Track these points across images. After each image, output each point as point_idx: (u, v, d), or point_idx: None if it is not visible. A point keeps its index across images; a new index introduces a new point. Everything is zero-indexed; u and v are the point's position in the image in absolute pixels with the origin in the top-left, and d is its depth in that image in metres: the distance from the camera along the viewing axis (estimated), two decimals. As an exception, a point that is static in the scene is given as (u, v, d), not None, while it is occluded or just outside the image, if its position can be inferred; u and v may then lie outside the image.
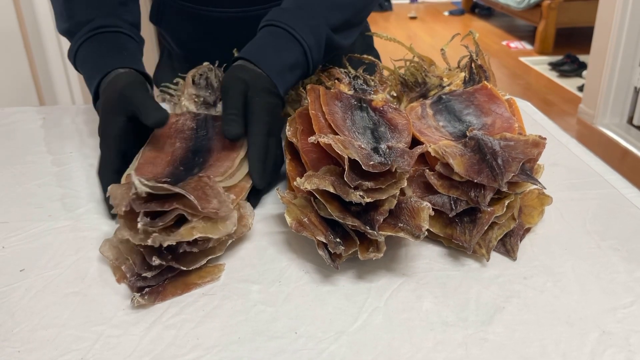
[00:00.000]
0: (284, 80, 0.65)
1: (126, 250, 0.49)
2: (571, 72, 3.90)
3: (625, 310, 0.45)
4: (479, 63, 0.72)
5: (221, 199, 0.50)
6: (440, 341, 0.42)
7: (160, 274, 0.47)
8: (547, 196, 0.57)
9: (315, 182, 0.49)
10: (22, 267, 0.51)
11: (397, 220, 0.49)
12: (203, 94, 0.71)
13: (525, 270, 0.50)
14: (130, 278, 0.47)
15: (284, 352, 0.41)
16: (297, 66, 0.67)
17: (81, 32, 0.70)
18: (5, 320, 0.44)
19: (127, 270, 0.48)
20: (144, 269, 0.47)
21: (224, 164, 0.58)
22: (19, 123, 0.85)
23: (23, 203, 0.61)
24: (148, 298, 0.46)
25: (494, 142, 0.55)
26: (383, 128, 0.59)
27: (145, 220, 0.46)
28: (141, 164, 0.58)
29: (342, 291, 0.47)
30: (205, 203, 0.48)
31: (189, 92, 0.71)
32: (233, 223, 0.50)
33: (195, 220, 0.48)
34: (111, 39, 0.70)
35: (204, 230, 0.48)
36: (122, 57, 0.67)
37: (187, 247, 0.48)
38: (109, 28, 0.70)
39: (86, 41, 0.69)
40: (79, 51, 0.70)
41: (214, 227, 0.49)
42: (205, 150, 0.61)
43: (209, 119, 0.66)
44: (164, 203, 0.48)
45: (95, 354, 0.41)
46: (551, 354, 0.41)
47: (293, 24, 0.67)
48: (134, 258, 0.48)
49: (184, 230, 0.47)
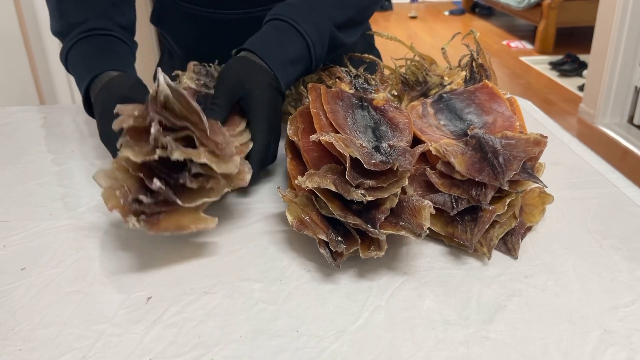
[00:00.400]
0: (286, 73, 0.65)
1: (124, 178, 0.47)
2: (571, 71, 3.90)
3: (627, 309, 0.45)
4: (479, 62, 0.72)
5: (227, 139, 0.50)
6: (442, 340, 0.42)
7: (156, 205, 0.46)
8: (548, 195, 0.57)
9: (317, 180, 0.49)
10: (23, 266, 0.51)
11: (398, 218, 0.49)
12: (203, 80, 0.71)
13: (527, 269, 0.50)
14: (124, 202, 0.46)
15: (285, 350, 0.41)
16: (300, 60, 0.67)
17: (73, 33, 0.70)
18: (6, 319, 0.44)
19: (121, 195, 0.46)
20: (143, 193, 0.46)
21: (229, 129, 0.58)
22: (19, 122, 0.85)
23: (24, 202, 0.61)
24: (143, 225, 0.45)
25: (495, 140, 0.55)
26: (384, 127, 0.59)
27: (158, 126, 0.45)
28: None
29: (344, 290, 0.47)
30: (213, 134, 0.48)
31: (189, 76, 0.71)
32: (235, 165, 0.49)
33: (202, 149, 0.48)
34: (102, 42, 0.70)
35: (210, 159, 0.47)
36: (111, 60, 0.68)
37: (188, 180, 0.47)
38: (100, 30, 0.70)
39: (77, 43, 0.69)
40: (69, 53, 0.70)
41: (218, 162, 0.48)
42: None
43: (209, 96, 0.66)
44: (177, 117, 0.47)
45: (97, 353, 0.41)
46: (553, 352, 0.41)
47: (298, 19, 0.67)
48: (130, 185, 0.46)
49: (193, 150, 0.46)
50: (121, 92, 0.62)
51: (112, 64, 0.66)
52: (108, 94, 0.63)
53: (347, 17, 0.72)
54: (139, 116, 0.46)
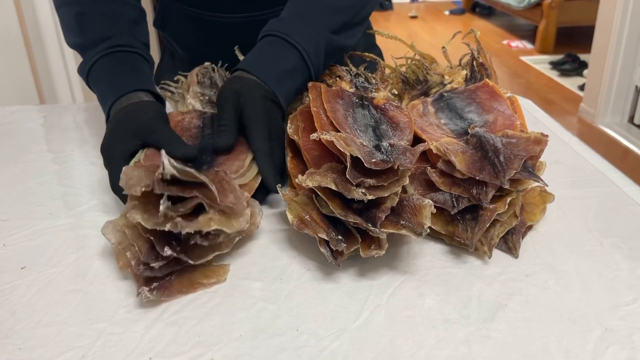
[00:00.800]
0: (283, 86, 0.66)
1: (133, 235, 0.48)
2: (572, 71, 3.90)
3: (628, 308, 0.45)
4: (480, 61, 0.72)
5: (237, 195, 0.50)
6: (443, 339, 0.42)
7: (167, 266, 0.47)
8: (549, 194, 0.57)
9: (317, 179, 0.49)
10: (24, 265, 0.50)
11: (399, 217, 0.49)
12: (208, 93, 0.71)
13: (527, 267, 0.50)
14: (136, 267, 0.46)
15: (285, 349, 0.41)
16: (297, 71, 0.67)
17: (96, 49, 0.69)
18: (6, 318, 0.44)
19: (132, 257, 0.47)
20: (152, 259, 0.46)
21: (234, 163, 0.58)
22: (19, 122, 0.85)
23: (24, 201, 0.61)
24: (156, 294, 0.45)
25: (495, 139, 0.55)
26: (385, 126, 0.59)
27: (167, 203, 0.45)
28: (149, 154, 0.57)
29: (344, 289, 0.47)
30: (222, 197, 0.48)
31: (194, 90, 0.71)
32: (246, 220, 0.50)
33: (212, 212, 0.48)
34: (128, 59, 0.70)
35: (220, 223, 0.48)
36: (140, 79, 0.68)
37: (199, 240, 0.47)
38: (126, 47, 0.70)
39: (101, 59, 0.69)
40: (93, 68, 0.69)
41: (229, 221, 0.49)
42: (212, 149, 0.61)
43: (215, 118, 0.66)
44: (184, 189, 0.47)
45: (97, 352, 0.41)
46: (553, 351, 0.40)
47: (289, 32, 0.68)
48: (140, 245, 0.47)
49: (203, 219, 0.47)
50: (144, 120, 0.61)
51: (139, 84, 0.66)
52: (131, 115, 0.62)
53: (343, 22, 0.72)
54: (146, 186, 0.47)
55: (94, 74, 0.69)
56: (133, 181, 0.48)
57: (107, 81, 0.68)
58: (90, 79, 0.70)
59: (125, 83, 0.66)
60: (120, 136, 0.60)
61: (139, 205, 0.48)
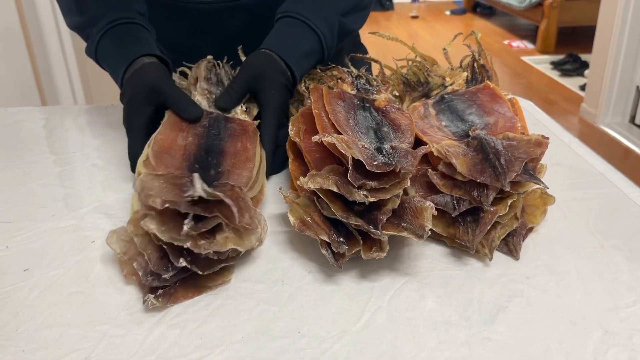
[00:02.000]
0: (301, 67, 0.71)
1: (143, 244, 0.47)
2: (573, 71, 3.90)
3: (629, 310, 0.45)
4: (481, 62, 0.72)
5: (252, 213, 0.50)
6: (444, 340, 0.42)
7: (175, 275, 0.47)
8: (550, 196, 0.57)
9: (319, 181, 0.49)
10: (26, 267, 0.51)
11: (400, 219, 0.49)
12: (214, 91, 0.71)
13: (528, 269, 0.50)
14: (143, 277, 0.46)
15: (287, 351, 0.41)
16: (313, 53, 0.72)
17: (97, 26, 0.71)
18: (9, 320, 0.44)
19: (139, 267, 0.47)
20: (162, 269, 0.46)
21: (243, 173, 0.57)
22: (21, 123, 0.85)
23: (26, 203, 0.62)
24: (162, 300, 0.45)
25: (496, 141, 0.55)
26: (386, 128, 0.59)
27: (192, 224, 0.46)
28: (157, 151, 0.57)
29: (345, 291, 0.47)
30: (240, 216, 0.49)
31: (202, 87, 0.70)
32: (257, 239, 0.50)
33: (228, 231, 0.48)
34: (128, 30, 0.72)
35: (235, 242, 0.48)
36: (142, 46, 0.70)
37: (211, 254, 0.47)
38: (124, 20, 0.72)
39: (104, 35, 0.71)
40: (99, 46, 0.72)
41: (241, 239, 0.49)
42: (218, 151, 0.60)
43: (220, 119, 0.66)
44: (207, 209, 0.47)
45: (99, 354, 0.41)
46: (554, 353, 0.41)
47: (307, 14, 0.73)
48: (150, 254, 0.47)
49: (221, 239, 0.48)
50: (150, 83, 0.64)
51: (143, 49, 0.69)
52: (138, 82, 0.65)
53: (352, 4, 0.77)
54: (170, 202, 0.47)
55: (100, 51, 0.72)
56: (153, 192, 0.48)
57: (113, 55, 0.71)
58: (99, 58, 0.73)
59: (128, 52, 0.69)
60: (134, 106, 0.64)
61: (156, 216, 0.47)
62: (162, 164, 0.55)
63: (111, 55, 0.71)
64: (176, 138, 0.60)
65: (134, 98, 0.64)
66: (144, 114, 0.63)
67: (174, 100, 0.63)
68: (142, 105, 0.64)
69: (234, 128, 0.65)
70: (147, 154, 0.57)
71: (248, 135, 0.64)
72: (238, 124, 0.66)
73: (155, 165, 0.55)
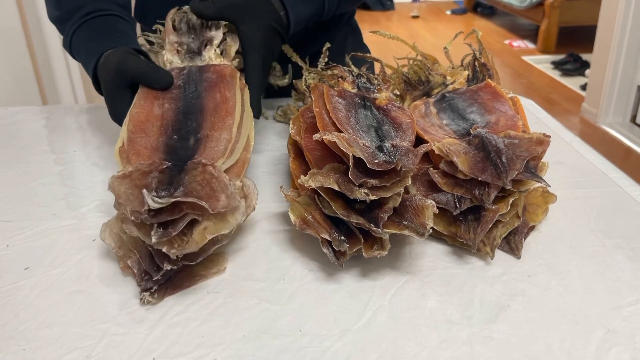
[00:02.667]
0: (296, 8, 0.67)
1: (131, 242, 0.48)
2: (574, 70, 3.89)
3: (630, 309, 0.45)
4: (482, 61, 0.72)
5: (228, 192, 0.48)
6: (445, 339, 0.42)
7: (168, 271, 0.47)
8: (552, 194, 0.57)
9: (320, 179, 0.49)
10: (27, 266, 0.51)
11: (401, 218, 0.49)
12: (186, 41, 0.67)
13: (530, 268, 0.50)
14: (138, 276, 0.47)
15: (288, 350, 0.41)
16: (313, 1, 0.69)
17: (72, 19, 0.71)
18: (10, 319, 0.44)
19: (133, 265, 0.47)
20: (154, 270, 0.46)
21: (221, 135, 0.55)
22: (22, 122, 0.85)
23: (27, 202, 0.62)
24: (157, 296, 0.46)
25: (498, 140, 0.55)
26: (387, 126, 0.59)
27: (159, 232, 0.45)
28: (132, 133, 0.55)
29: (347, 289, 0.47)
30: (214, 202, 0.46)
31: (170, 41, 0.67)
32: (242, 213, 0.49)
33: (205, 221, 0.47)
34: (102, 23, 0.71)
35: (216, 229, 0.47)
36: (115, 38, 0.69)
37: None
38: (98, 12, 0.71)
39: (78, 28, 0.71)
40: (73, 38, 0.71)
41: (224, 221, 0.48)
42: (197, 111, 0.58)
43: (194, 71, 0.63)
44: (174, 211, 0.46)
45: (100, 352, 0.41)
46: (556, 352, 0.40)
47: None
48: (140, 253, 0.47)
49: (197, 235, 0.46)
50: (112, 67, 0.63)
51: (114, 43, 0.67)
52: (103, 72, 0.64)
53: None
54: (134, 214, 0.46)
55: (74, 45, 0.71)
56: (122, 200, 0.47)
57: (84, 49, 0.70)
58: (73, 50, 0.72)
59: (101, 45, 0.67)
60: (110, 97, 0.63)
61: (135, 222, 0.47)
62: (134, 151, 0.53)
63: (83, 49, 0.70)
64: (152, 108, 0.58)
65: (107, 88, 0.63)
66: (122, 100, 0.62)
67: (139, 74, 0.61)
68: (117, 92, 0.62)
69: (210, 78, 0.62)
70: (122, 139, 0.55)
71: (226, 81, 0.61)
72: (213, 71, 0.62)
73: (128, 151, 0.53)
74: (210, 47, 0.66)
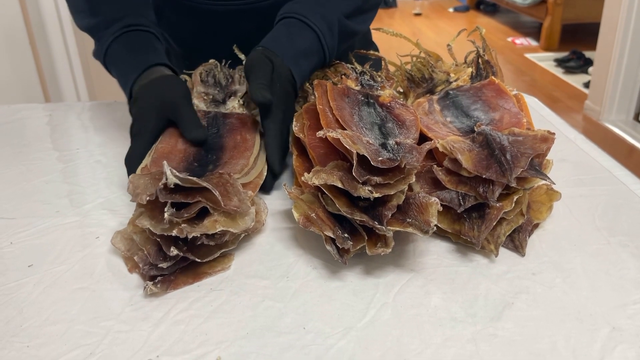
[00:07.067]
0: (299, 66, 0.68)
1: (141, 240, 0.49)
2: (577, 68, 3.88)
3: (636, 307, 0.44)
4: (486, 58, 0.72)
5: (241, 197, 0.51)
6: (450, 337, 0.42)
7: (174, 264, 0.48)
8: (556, 192, 0.56)
9: (323, 177, 0.49)
10: (31, 263, 0.51)
11: (405, 215, 0.49)
12: (212, 92, 0.71)
13: (534, 266, 0.49)
14: (143, 267, 0.48)
15: (292, 347, 0.41)
16: (312, 52, 0.70)
17: (111, 29, 0.71)
18: (14, 316, 0.44)
19: (139, 260, 0.48)
20: (160, 260, 0.47)
21: (239, 161, 0.59)
22: (25, 120, 0.85)
23: (30, 199, 0.62)
24: (160, 286, 0.46)
25: (502, 137, 0.55)
26: (390, 124, 0.58)
27: (171, 210, 0.47)
28: (155, 158, 0.58)
29: (350, 287, 0.47)
30: (227, 200, 0.49)
31: (197, 91, 0.71)
32: (251, 219, 0.51)
33: (216, 214, 0.49)
34: (143, 37, 0.71)
35: (226, 224, 0.49)
36: (157, 54, 0.69)
37: (205, 240, 0.48)
38: (139, 27, 0.71)
39: (117, 39, 0.70)
40: (109, 50, 0.70)
41: (234, 221, 0.50)
42: (218, 148, 0.61)
43: (219, 116, 0.67)
44: (188, 195, 0.48)
45: (104, 349, 0.41)
46: (561, 350, 0.40)
47: (305, 13, 0.71)
48: (149, 248, 0.48)
49: (208, 222, 0.48)
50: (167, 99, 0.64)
51: (157, 58, 0.69)
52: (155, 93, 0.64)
53: (355, 7, 0.75)
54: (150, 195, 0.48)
55: (111, 55, 0.71)
56: (139, 190, 0.49)
57: (126, 60, 0.70)
58: (107, 60, 0.72)
59: (145, 59, 0.68)
60: (148, 112, 0.63)
61: (147, 212, 0.49)
62: (156, 167, 0.56)
63: (122, 61, 0.70)
64: (176, 143, 0.61)
65: (148, 110, 0.63)
66: (153, 125, 0.63)
67: (181, 120, 0.62)
68: (154, 118, 0.63)
69: (233, 123, 0.65)
70: (146, 163, 0.58)
71: (247, 127, 0.64)
72: (236, 118, 0.66)
73: (151, 169, 0.56)
74: (234, 98, 0.70)
